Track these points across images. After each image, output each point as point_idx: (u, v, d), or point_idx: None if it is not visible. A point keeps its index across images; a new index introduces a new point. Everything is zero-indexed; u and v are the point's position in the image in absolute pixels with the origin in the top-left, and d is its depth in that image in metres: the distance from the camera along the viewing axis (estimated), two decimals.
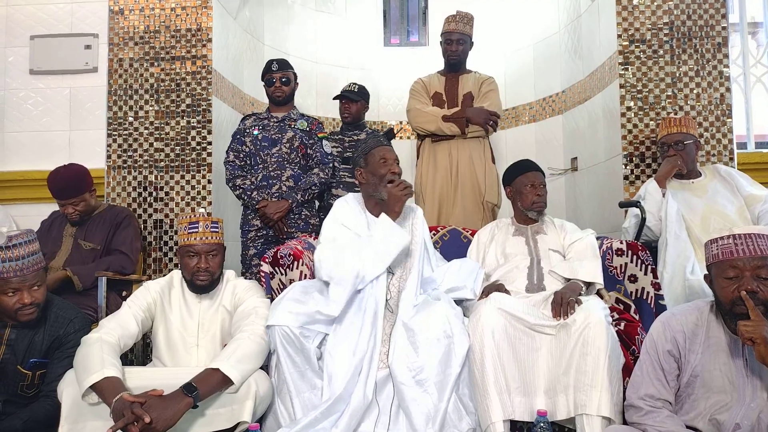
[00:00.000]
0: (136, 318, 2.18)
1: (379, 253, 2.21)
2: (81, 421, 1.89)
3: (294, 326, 2.05)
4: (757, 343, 1.60)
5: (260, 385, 1.98)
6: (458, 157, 3.34)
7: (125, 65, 3.48)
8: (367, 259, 2.18)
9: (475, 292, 2.38)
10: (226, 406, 1.93)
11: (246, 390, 1.94)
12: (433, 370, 2.00)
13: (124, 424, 1.73)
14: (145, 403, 1.77)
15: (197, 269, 2.20)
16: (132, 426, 1.73)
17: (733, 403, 1.70)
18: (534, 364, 2.05)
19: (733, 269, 1.69)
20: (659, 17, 3.33)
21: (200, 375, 1.90)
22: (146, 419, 1.72)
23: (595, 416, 1.89)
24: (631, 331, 2.17)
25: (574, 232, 2.60)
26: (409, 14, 4.94)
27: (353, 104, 3.58)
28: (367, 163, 2.41)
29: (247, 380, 1.95)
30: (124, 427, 1.73)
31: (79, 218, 2.91)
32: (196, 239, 2.20)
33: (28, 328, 2.12)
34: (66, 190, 2.85)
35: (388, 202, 2.31)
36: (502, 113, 3.52)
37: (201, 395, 1.85)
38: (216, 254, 2.24)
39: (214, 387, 1.90)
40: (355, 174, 2.47)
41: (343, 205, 2.43)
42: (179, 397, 1.82)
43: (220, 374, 1.90)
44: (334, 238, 2.29)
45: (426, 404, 1.98)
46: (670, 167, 2.86)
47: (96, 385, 1.86)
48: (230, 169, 3.22)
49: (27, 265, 2.03)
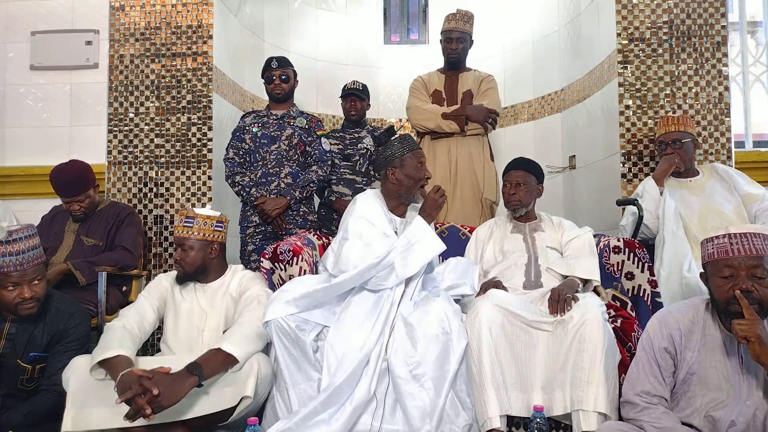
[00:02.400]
0: (152, 306, 2.28)
1: (414, 254, 2.21)
2: (87, 407, 1.92)
3: (290, 319, 2.08)
4: (751, 342, 1.61)
5: (262, 364, 2.04)
6: (457, 154, 3.35)
7: (126, 61, 3.49)
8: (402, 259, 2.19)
9: (474, 287, 2.40)
10: (230, 385, 1.98)
11: (248, 368, 2.00)
12: (430, 366, 2.02)
13: (132, 395, 1.77)
14: (152, 378, 1.82)
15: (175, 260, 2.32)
16: (140, 398, 1.77)
17: (728, 400, 1.71)
18: (531, 360, 2.07)
19: (729, 268, 1.71)
20: (659, 16, 3.34)
21: (204, 356, 1.96)
22: (154, 391, 1.77)
23: (591, 412, 1.90)
24: (627, 328, 2.18)
25: (571, 229, 2.61)
26: (409, 12, 4.94)
27: (360, 102, 3.59)
28: (404, 164, 2.42)
29: (249, 361, 2.01)
30: (131, 399, 1.77)
31: (84, 215, 2.92)
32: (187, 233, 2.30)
33: (28, 323, 2.14)
34: (70, 187, 2.86)
35: (425, 206, 2.37)
36: (501, 111, 3.53)
37: (205, 374, 1.91)
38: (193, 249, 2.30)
39: (217, 367, 1.96)
40: (387, 173, 2.45)
41: (367, 201, 2.42)
42: (185, 375, 1.88)
43: (223, 353, 1.97)
44: (360, 234, 2.29)
45: (422, 399, 1.99)
46: (667, 165, 2.87)
47: (106, 362, 1.93)
48: (229, 166, 3.23)
49: (27, 260, 2.05)
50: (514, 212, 2.65)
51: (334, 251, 2.32)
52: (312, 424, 1.98)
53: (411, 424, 1.99)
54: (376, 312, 2.17)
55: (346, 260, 2.20)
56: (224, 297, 2.33)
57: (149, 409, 1.76)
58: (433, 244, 2.25)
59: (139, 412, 1.77)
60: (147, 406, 1.76)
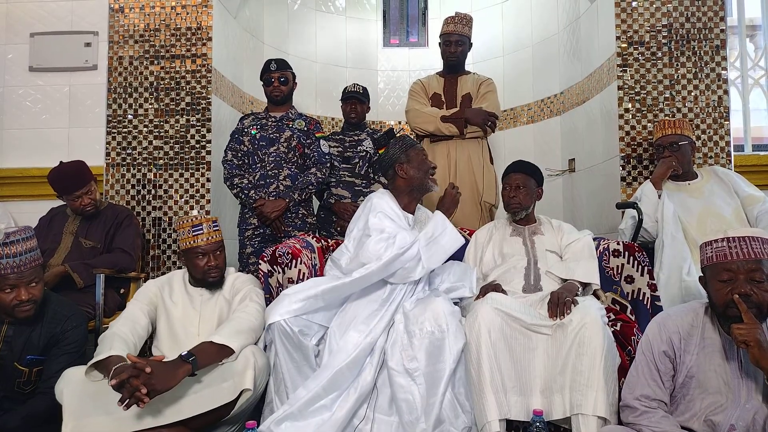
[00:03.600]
0: (143, 311, 2.27)
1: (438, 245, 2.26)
2: (85, 417, 1.90)
3: (293, 322, 2.10)
4: (750, 346, 1.61)
5: (258, 357, 2.05)
6: (457, 157, 3.35)
7: (125, 63, 3.49)
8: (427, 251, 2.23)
9: (473, 290, 2.41)
10: (228, 379, 1.98)
11: (245, 361, 2.01)
12: (422, 362, 2.04)
13: (127, 375, 1.77)
14: (146, 362, 1.82)
15: (208, 267, 2.30)
16: (134, 379, 1.77)
17: (728, 404, 1.71)
18: (530, 363, 2.06)
19: (727, 272, 1.70)
20: (658, 19, 3.34)
21: (197, 347, 1.98)
22: (147, 369, 1.78)
23: (590, 416, 1.90)
24: (627, 332, 2.17)
25: (571, 232, 2.61)
26: (408, 15, 4.95)
27: (360, 105, 3.59)
28: (410, 159, 2.47)
29: (245, 353, 2.03)
30: (126, 381, 1.77)
31: (94, 209, 2.92)
32: (202, 240, 2.29)
33: (25, 325, 2.13)
34: (73, 182, 2.86)
35: (445, 202, 2.48)
36: (501, 114, 3.53)
37: (199, 363, 1.92)
38: (221, 250, 2.35)
39: (211, 357, 1.98)
40: (395, 170, 2.48)
41: (382, 198, 2.45)
42: (178, 362, 1.90)
43: (216, 345, 1.99)
44: (381, 229, 2.31)
45: (412, 393, 2.01)
46: (665, 168, 2.88)
47: (101, 363, 1.93)
48: (228, 168, 3.23)
49: (24, 262, 2.04)
50: (514, 215, 2.65)
51: (349, 249, 2.37)
52: (314, 409, 2.01)
53: (400, 415, 2.02)
54: (386, 305, 2.20)
55: (371, 253, 2.22)
56: (218, 300, 2.34)
57: (144, 389, 1.76)
58: (456, 237, 2.31)
59: (134, 395, 1.76)
60: (142, 386, 1.76)
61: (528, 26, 4.50)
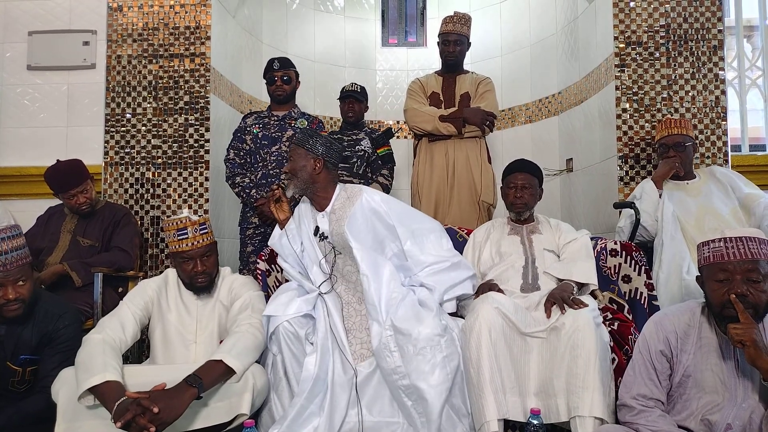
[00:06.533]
0: (134, 317, 2.18)
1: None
2: (78, 420, 1.88)
3: (295, 322, 2.10)
4: (747, 346, 1.61)
5: (257, 378, 2.00)
6: (455, 156, 3.35)
7: (123, 62, 3.49)
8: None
9: (474, 285, 2.38)
10: (224, 399, 1.94)
11: (244, 383, 1.95)
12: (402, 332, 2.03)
13: (132, 415, 1.70)
14: (150, 397, 1.76)
15: (194, 273, 2.20)
16: (140, 418, 1.70)
17: (724, 403, 1.71)
18: (527, 365, 2.07)
19: (724, 272, 1.71)
20: (656, 20, 3.35)
21: (203, 367, 1.90)
22: (154, 409, 1.70)
23: (587, 417, 1.90)
24: (624, 331, 2.18)
25: (568, 232, 2.61)
26: (407, 14, 4.95)
27: (358, 104, 3.59)
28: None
29: (245, 375, 1.97)
30: (132, 421, 1.70)
31: (90, 208, 2.91)
32: (187, 245, 2.17)
33: (16, 324, 2.10)
34: (68, 180, 2.84)
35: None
36: (499, 114, 3.54)
37: (205, 386, 1.85)
38: (210, 254, 2.23)
39: (216, 378, 1.90)
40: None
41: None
42: (184, 388, 1.82)
43: (223, 365, 1.91)
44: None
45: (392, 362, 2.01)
46: (668, 168, 2.87)
47: (96, 388, 1.83)
48: (230, 167, 3.23)
49: (10, 260, 2.01)
50: (519, 215, 2.64)
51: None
52: (304, 419, 1.99)
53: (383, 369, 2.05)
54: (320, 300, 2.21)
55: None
56: (215, 305, 2.27)
57: (153, 427, 1.69)
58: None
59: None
60: (149, 424, 1.69)
61: (526, 26, 4.51)
